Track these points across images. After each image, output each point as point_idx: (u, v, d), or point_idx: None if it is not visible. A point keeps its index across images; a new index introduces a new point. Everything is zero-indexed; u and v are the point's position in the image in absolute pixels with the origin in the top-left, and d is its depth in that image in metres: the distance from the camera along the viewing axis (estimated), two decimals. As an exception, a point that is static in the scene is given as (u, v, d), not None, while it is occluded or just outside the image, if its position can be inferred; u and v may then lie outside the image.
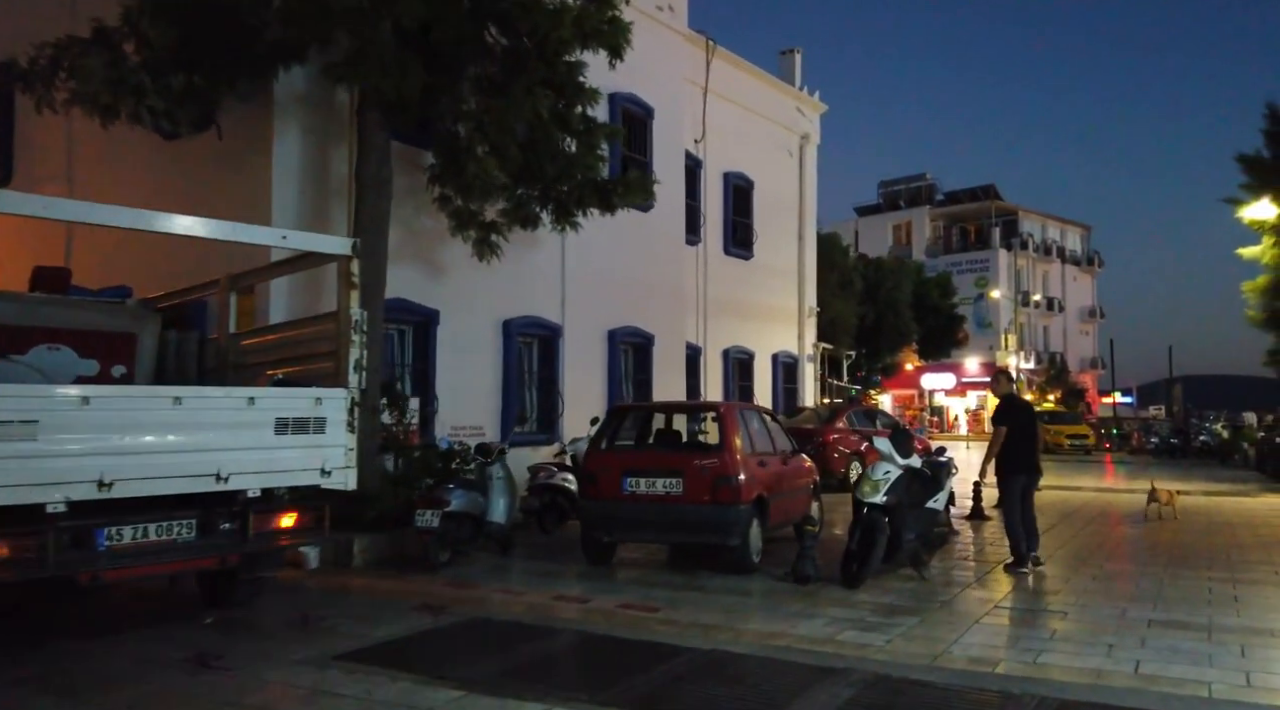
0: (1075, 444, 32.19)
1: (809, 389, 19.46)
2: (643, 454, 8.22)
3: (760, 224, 17.88)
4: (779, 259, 18.65)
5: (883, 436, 7.71)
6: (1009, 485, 8.07)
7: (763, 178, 18.02)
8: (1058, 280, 54.66)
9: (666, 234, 13.79)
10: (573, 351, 11.81)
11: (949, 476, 8.14)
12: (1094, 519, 11.96)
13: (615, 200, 9.02)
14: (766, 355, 18.14)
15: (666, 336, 13.59)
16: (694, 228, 16.04)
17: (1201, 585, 7.32)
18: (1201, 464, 26.32)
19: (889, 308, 25.46)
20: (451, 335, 10.08)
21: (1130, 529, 11.06)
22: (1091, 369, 55.28)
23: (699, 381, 16.03)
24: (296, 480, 5.56)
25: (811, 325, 19.65)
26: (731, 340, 17.02)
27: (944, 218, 53.65)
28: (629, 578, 7.47)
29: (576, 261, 11.87)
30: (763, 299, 17.96)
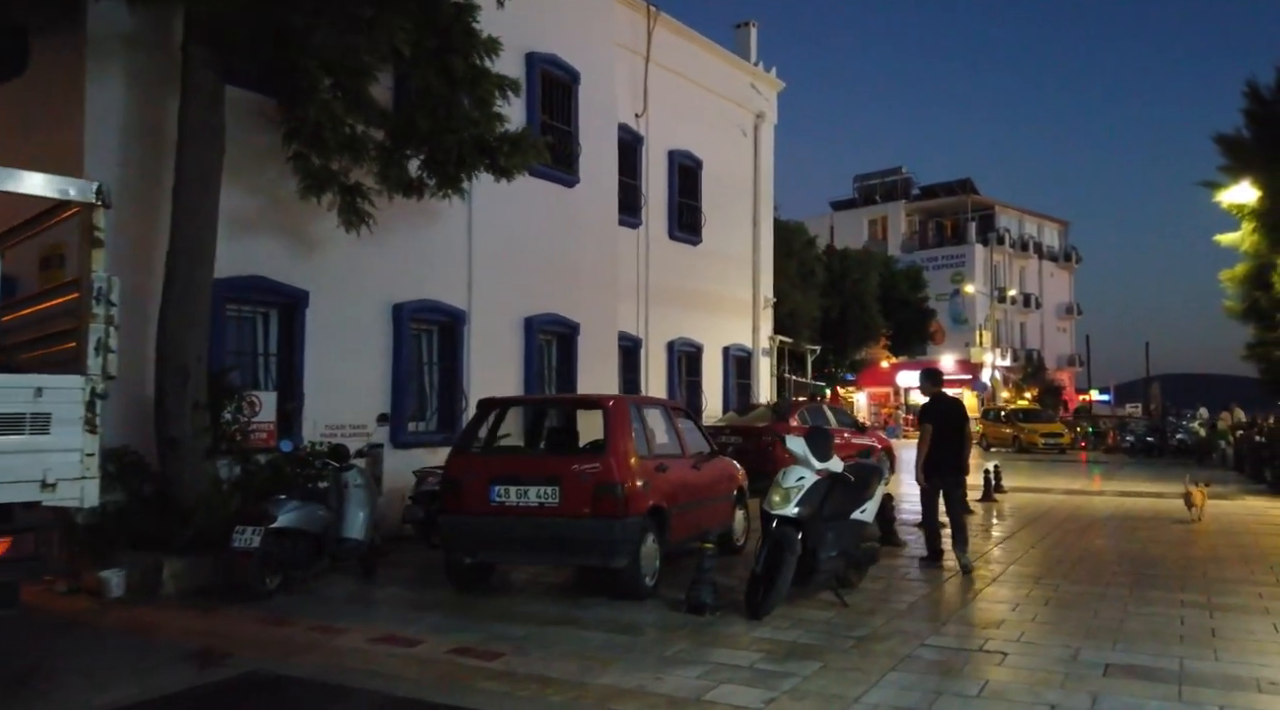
0: (1049, 443, 31.27)
1: (765, 384, 18.29)
2: (515, 458, 6.93)
3: (710, 207, 16.67)
4: (731, 245, 17.46)
5: (797, 435, 6.48)
6: (929, 485, 8.03)
7: (713, 158, 16.81)
8: (1035, 276, 53.90)
9: (596, 212, 12.54)
10: (481, 341, 10.54)
11: (880, 482, 6.96)
12: (1059, 526, 10.85)
13: (502, 161, 7.75)
14: (717, 348, 16.95)
15: (595, 325, 12.35)
16: (633, 208, 14.82)
17: (1172, 613, 6.16)
18: (1178, 463, 25.37)
19: (855, 300, 24.30)
20: (327, 320, 8.78)
21: (1097, 538, 9.94)
22: (1069, 366, 54.59)
23: (639, 376, 14.82)
24: (1, 496, 4.27)
25: (767, 317, 18.48)
26: (677, 332, 15.81)
27: (920, 212, 52.73)
28: (494, 609, 6.22)
29: (487, 239, 10.60)
30: (713, 288, 16.76)
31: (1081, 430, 35.39)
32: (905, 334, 31.68)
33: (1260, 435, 18.56)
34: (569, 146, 11.81)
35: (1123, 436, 31.02)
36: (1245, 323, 16.41)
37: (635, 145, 14.83)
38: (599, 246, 12.58)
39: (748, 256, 18.04)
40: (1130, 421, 33.90)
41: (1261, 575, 7.59)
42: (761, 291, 18.24)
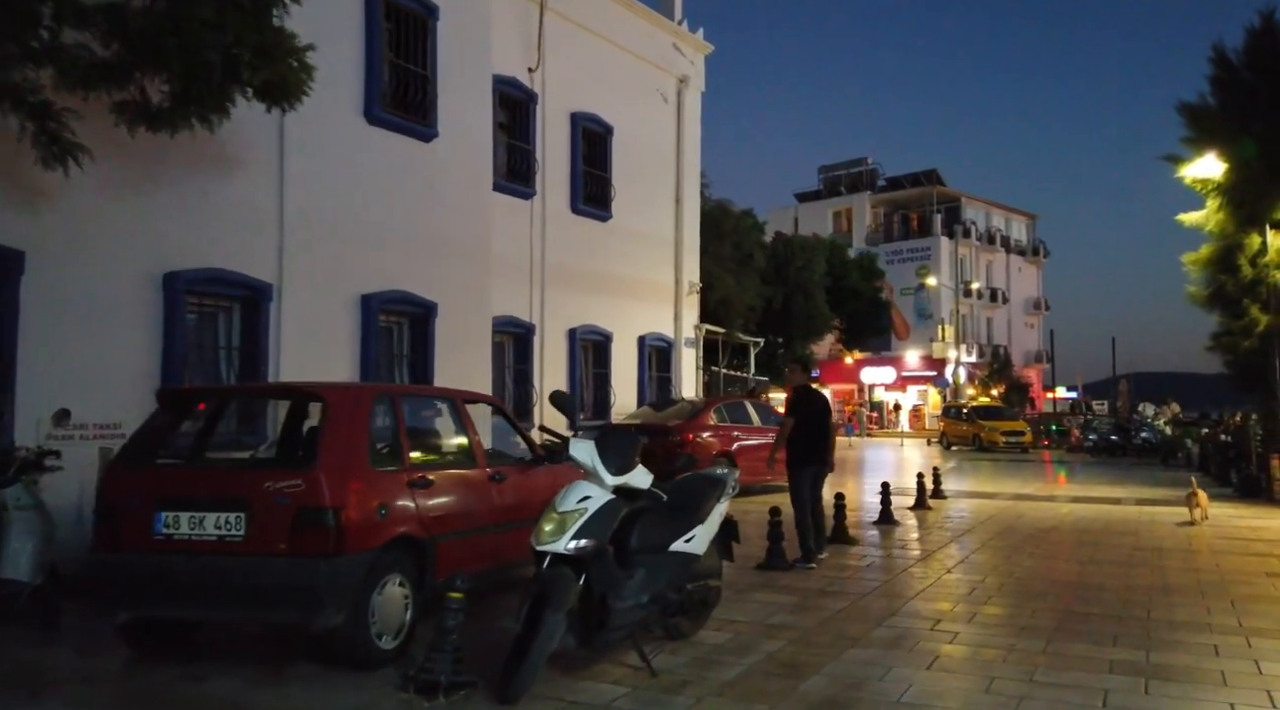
0: (1011, 442, 29.89)
1: (689, 378, 16.59)
2: (190, 474, 5.00)
3: (622, 179, 14.93)
4: (650, 224, 15.72)
5: (585, 438, 4.68)
6: (796, 478, 7.88)
7: (627, 124, 15.06)
8: (1002, 270, 52.73)
9: (463, 174, 10.74)
10: (298, 321, 8.70)
11: (721, 498, 5.23)
12: (989, 542, 9.21)
13: (246, 75, 5.91)
14: (630, 337, 15.21)
15: (459, 306, 10.55)
16: (524, 175, 13.04)
17: (1093, 683, 4.49)
18: (1142, 463, 24.04)
19: (799, 289, 22.65)
20: (57, 291, 6.92)
21: (1030, 558, 8.29)
22: (1036, 363, 53.49)
23: (530, 366, 13.05)
24: None
25: (693, 304, 16.76)
26: (581, 318, 14.05)
27: (885, 204, 51.39)
28: (157, 680, 4.44)
29: (306, 198, 8.76)
30: (626, 270, 15.02)
31: (1045, 428, 34.07)
32: (859, 327, 30.05)
33: (1226, 434, 17.13)
34: (423, 92, 9.99)
35: (1086, 435, 29.69)
36: (1210, 310, 14.92)
37: (527, 104, 13.05)
38: (467, 214, 10.78)
39: (669, 236, 16.31)
40: (1094, 418, 32.56)
41: (1221, 616, 5.95)
42: (686, 275, 16.52)
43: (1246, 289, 13.96)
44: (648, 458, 12.72)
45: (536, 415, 13.11)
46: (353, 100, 9.34)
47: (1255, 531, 10.16)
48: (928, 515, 11.71)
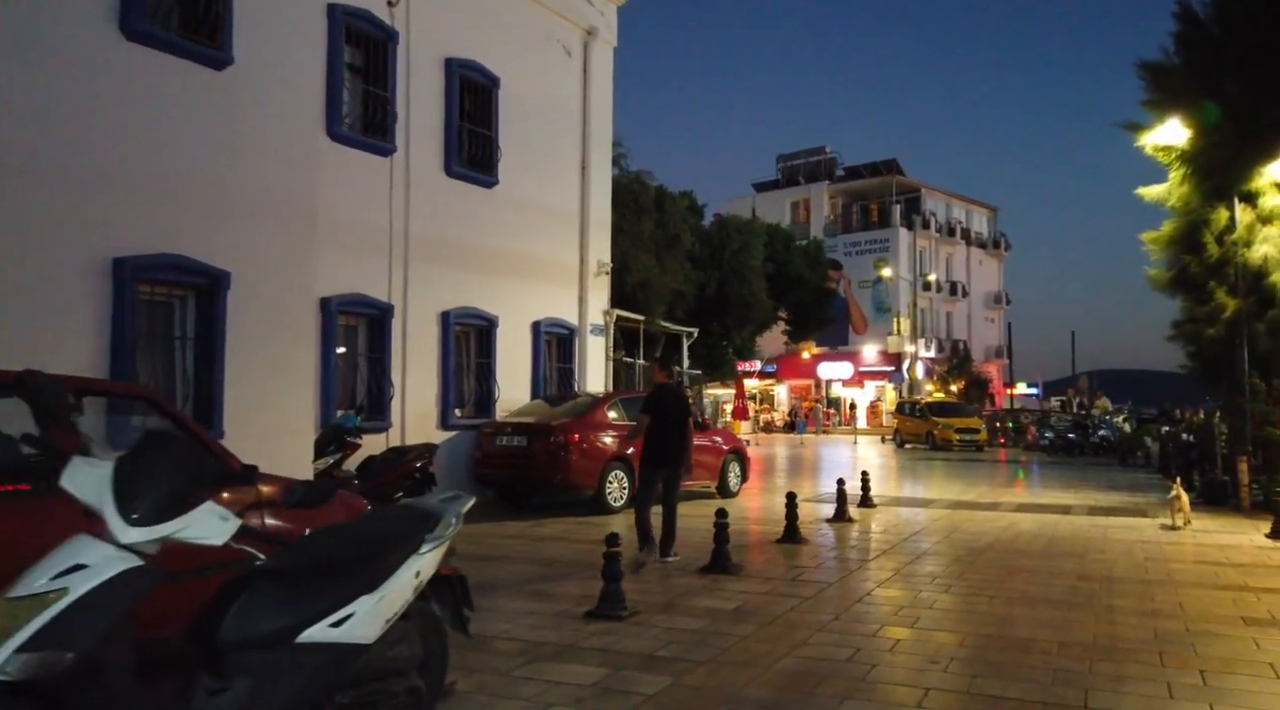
0: (965, 440, 28.48)
1: (596, 370, 14.70)
2: None
3: (514, 142, 12.98)
4: (549, 193, 13.79)
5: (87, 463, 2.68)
6: (644, 477, 7.87)
7: (518, 78, 13.11)
8: (962, 263, 51.55)
9: (276, 115, 8.72)
10: (12, 290, 6.67)
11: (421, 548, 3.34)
12: (903, 568, 7.43)
13: None
14: (523, 323, 13.28)
15: (266, 278, 8.54)
16: (379, 127, 11.05)
17: None
18: (1099, 463, 22.66)
19: (734, 274, 20.85)
20: None
21: (943, 596, 6.51)
22: (997, 358, 52.38)
23: (386, 355, 11.07)
24: None
25: (601, 286, 14.87)
26: (458, 299, 12.09)
27: (844, 194, 49.94)
28: None
29: (31, 126, 6.72)
30: (517, 245, 13.09)
31: (1001, 425, 32.75)
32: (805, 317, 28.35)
33: (1189, 434, 15.64)
34: (211, 5, 7.96)
35: (1042, 433, 28.34)
36: (1172, 295, 13.38)
37: (385, 43, 11.05)
38: (284, 166, 8.76)
39: (573, 209, 14.39)
40: (1051, 415, 31.26)
41: (1187, 701, 4.18)
42: (593, 254, 14.62)
43: (1212, 270, 12.40)
44: (524, 462, 10.64)
45: (397, 413, 11.17)
46: (104, 6, 7.30)
47: (1224, 552, 8.50)
48: (847, 530, 9.96)
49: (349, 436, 9.74)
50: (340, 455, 9.70)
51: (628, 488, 11.36)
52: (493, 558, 8.06)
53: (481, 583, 6.88)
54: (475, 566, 7.59)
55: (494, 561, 7.85)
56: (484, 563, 7.76)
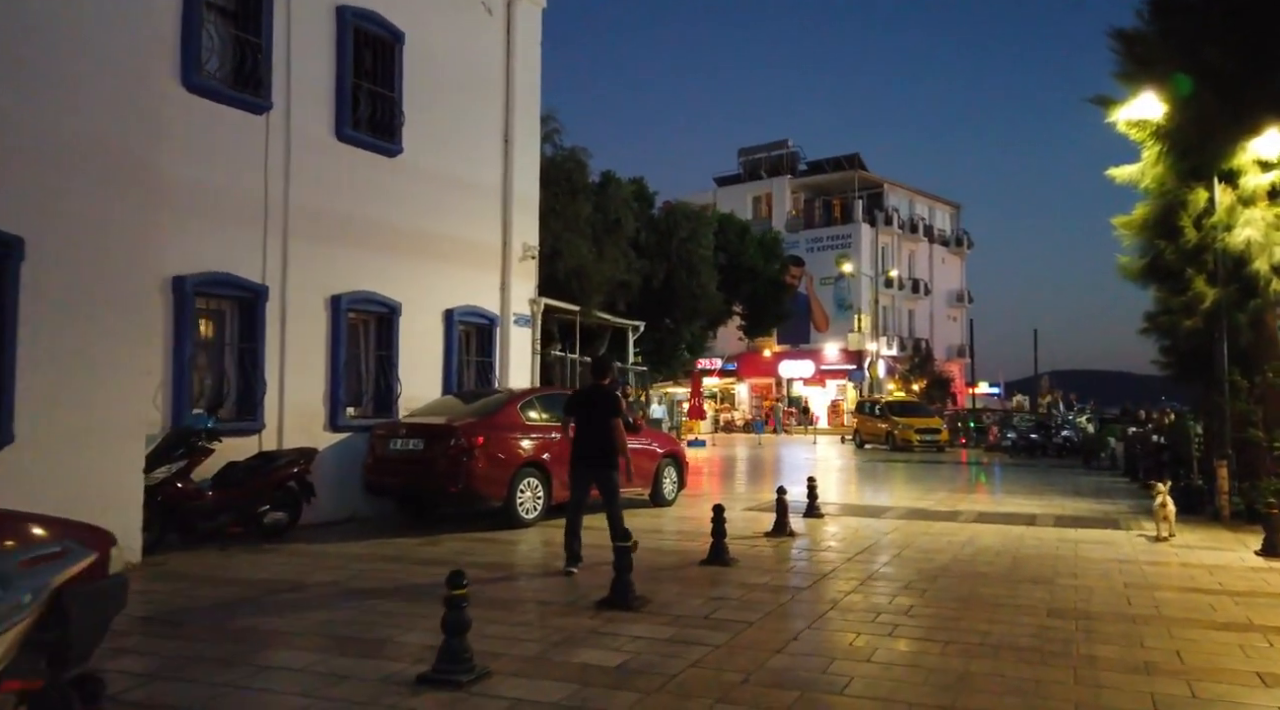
0: (926, 440, 27.51)
1: (521, 364, 13.26)
2: None
3: (421, 105, 11.50)
4: (465, 166, 12.33)
5: None
6: (572, 479, 7.64)
7: (427, 34, 11.64)
8: (925, 261, 50.89)
9: (106, 49, 7.20)
10: None
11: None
12: (843, 600, 6.13)
13: None
14: (433, 311, 11.80)
15: (79, 247, 7.02)
16: (252, 80, 9.52)
17: None
18: (1062, 465, 21.75)
19: (683, 265, 19.51)
20: None
21: (882, 646, 5.22)
22: (959, 357, 51.83)
23: (258, 344, 9.54)
24: None
25: (527, 272, 13.44)
26: (351, 282, 10.60)
27: (806, 189, 49.00)
28: None
29: None
30: (426, 223, 11.62)
31: (962, 425, 31.90)
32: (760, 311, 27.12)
33: (1159, 435, 14.63)
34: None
35: (1004, 433, 27.46)
36: (1145, 285, 12.30)
37: (257, -17, 9.52)
38: (102, 108, 7.23)
39: (494, 185, 12.93)
40: (1014, 415, 30.43)
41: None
42: (518, 236, 13.18)
43: (1189, 256, 11.32)
44: (422, 468, 9.16)
45: (273, 412, 9.65)
46: None
47: (1214, 575, 7.34)
48: (786, 547, 8.67)
49: (200, 440, 8.23)
50: (187, 462, 8.18)
51: (543, 498, 9.98)
52: (348, 589, 6.62)
53: (308, 629, 5.44)
54: (318, 600, 6.16)
55: (342, 596, 6.41)
56: (330, 597, 6.32)
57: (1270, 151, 10.62)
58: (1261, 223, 10.74)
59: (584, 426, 7.46)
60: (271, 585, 6.75)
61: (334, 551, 8.28)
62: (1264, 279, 10.67)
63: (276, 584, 6.79)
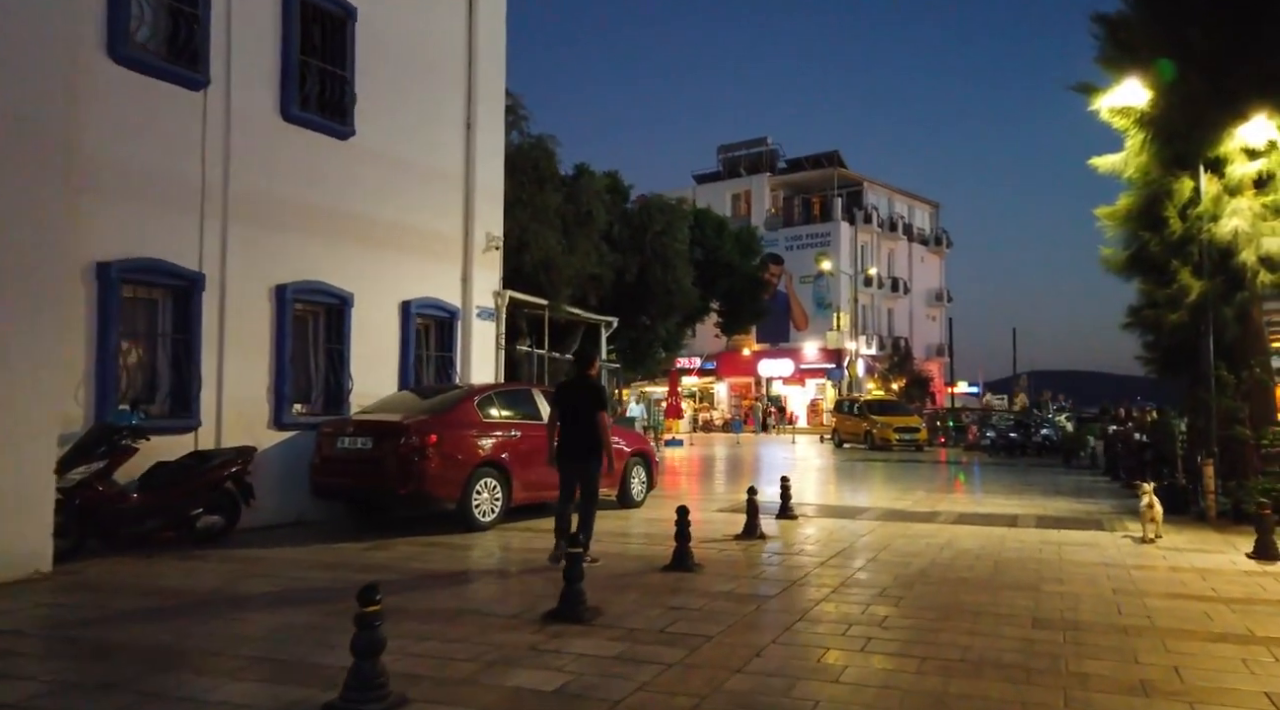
0: (905, 439, 27.20)
1: (484, 359, 12.69)
2: None
3: (376, 86, 10.91)
4: (423, 151, 11.75)
5: None
6: (560, 474, 7.55)
7: (383, 10, 11.04)
8: (904, 259, 50.74)
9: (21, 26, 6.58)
10: None
11: None
12: (813, 610, 5.64)
13: None
14: (389, 303, 11.21)
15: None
16: (188, 54, 8.90)
17: None
18: (1042, 464, 21.47)
19: (657, 259, 18.99)
20: None
21: (853, 664, 4.74)
22: (938, 356, 51.74)
23: (193, 336, 8.92)
24: None
25: (491, 264, 12.87)
26: (298, 271, 9.99)
27: (785, 187, 48.69)
28: None
29: None
30: (381, 210, 11.03)
31: (941, 424, 31.66)
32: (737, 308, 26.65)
33: (1141, 433, 14.30)
34: None
35: (983, 432, 27.21)
36: (1128, 278, 11.94)
37: (193, -51, 8.89)
38: (10, 84, 6.60)
39: (456, 171, 12.35)
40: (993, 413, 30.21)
41: None
42: (481, 226, 12.61)
43: (1174, 248, 10.95)
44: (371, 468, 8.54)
45: (210, 409, 9.04)
46: None
47: (1205, 579, 6.92)
48: (755, 550, 8.18)
49: (123, 438, 7.60)
50: (109, 462, 7.55)
51: (501, 499, 9.43)
52: (274, 600, 6.04)
53: (216, 646, 4.87)
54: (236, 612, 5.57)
55: (265, 608, 5.83)
56: (251, 609, 5.74)
57: (1257, 138, 10.28)
58: (1249, 212, 10.39)
59: (570, 420, 7.39)
60: (191, 596, 6.16)
61: (270, 557, 7.69)
62: (1251, 271, 10.32)
63: (197, 595, 6.20)
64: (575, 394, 7.50)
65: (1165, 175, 11.10)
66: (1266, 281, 10.27)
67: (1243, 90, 10.10)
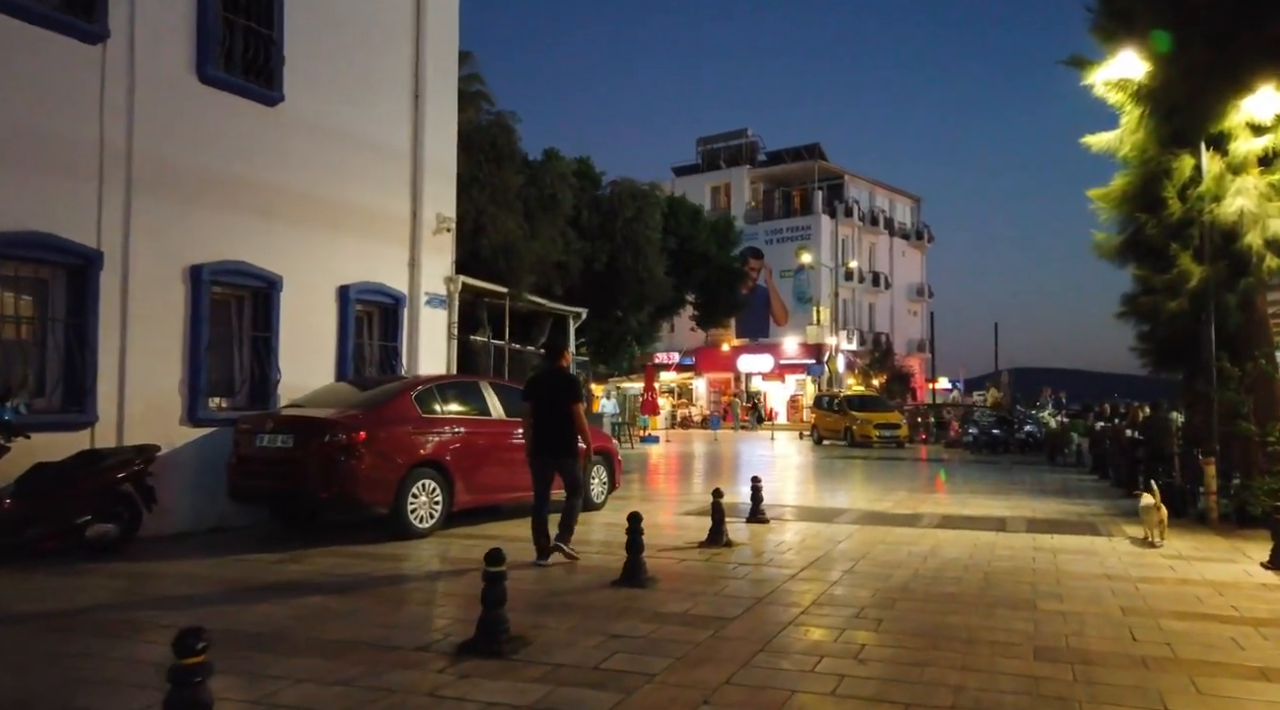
0: (885, 436, 26.51)
1: (435, 349, 11.74)
2: None
3: (309, 49, 9.92)
4: (364, 123, 10.77)
5: None
6: (532, 470, 7.23)
7: (317, -32, 10.06)
8: (885, 254, 50.12)
9: None
10: None
11: None
12: (780, 635, 4.78)
13: None
14: (324, 287, 10.25)
15: None
16: (80, 3, 7.89)
17: None
18: (1025, 462, 20.80)
19: (627, 247, 18.05)
20: None
21: (832, 700, 3.88)
22: (919, 352, 51.20)
23: (88, 321, 7.92)
24: None
25: (442, 247, 11.92)
26: (217, 251, 9.00)
27: (765, 180, 47.91)
28: None
29: None
30: (314, 185, 10.05)
31: (923, 420, 31.02)
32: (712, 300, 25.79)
33: (1134, 429, 13.57)
34: None
35: (966, 429, 26.55)
36: (1122, 264, 11.19)
37: (88, -116, 7.88)
38: None
39: (403, 147, 11.39)
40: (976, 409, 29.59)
41: None
42: (431, 206, 11.66)
43: (1173, 231, 10.20)
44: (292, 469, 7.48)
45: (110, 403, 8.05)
46: None
47: (1222, 594, 6.14)
48: (718, 560, 7.33)
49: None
50: (-26, 463, 6.57)
51: (442, 504, 8.51)
52: (126, 626, 5.08)
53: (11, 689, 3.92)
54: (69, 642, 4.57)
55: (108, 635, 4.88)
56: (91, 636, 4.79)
57: (1263, 112, 9.53)
58: (1254, 192, 9.65)
59: (543, 414, 7.10)
60: (39, 619, 5.21)
61: (164, 573, 6.73)
62: (1256, 255, 9.58)
63: (45, 618, 5.25)
64: (547, 387, 7.19)
65: (1164, 153, 10.35)
66: (1273, 267, 9.54)
67: (1247, 59, 9.34)
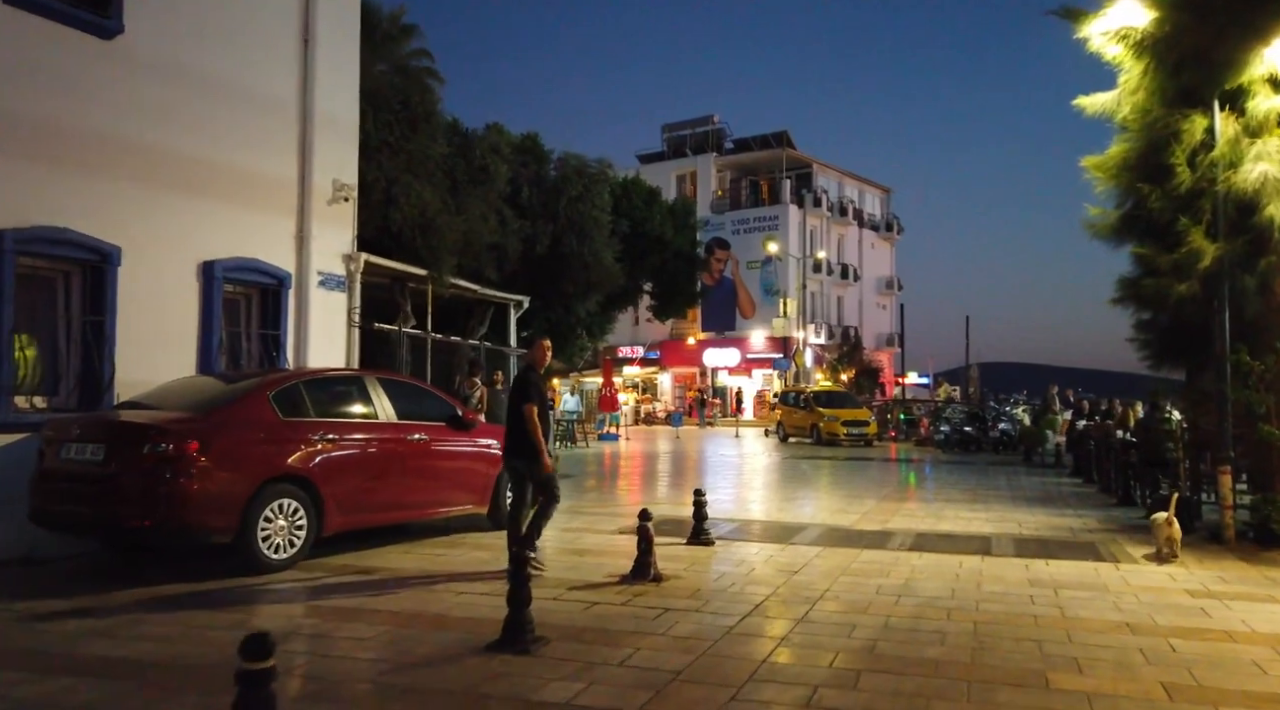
0: (854, 433, 25.17)
1: (332, 339, 10.04)
2: None
3: (160, -27, 8.17)
4: (232, 65, 9.03)
5: None
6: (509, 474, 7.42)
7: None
8: (854, 246, 48.96)
9: None
10: None
11: None
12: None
13: None
14: (181, 263, 8.50)
15: None
16: None
17: None
18: (1000, 462, 19.55)
19: (571, 228, 16.38)
20: None
21: None
22: (889, 346, 50.18)
23: None
24: None
25: (340, 219, 10.21)
26: (31, 214, 7.23)
27: (732, 168, 46.47)
28: None
29: None
30: (167, 138, 8.31)
31: (892, 417, 29.79)
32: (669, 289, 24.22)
33: (1126, 431, 12.24)
34: None
35: (937, 426, 25.31)
36: (1119, 242, 9.82)
37: None
38: None
39: (288, 99, 9.66)
40: (947, 408, 28.39)
41: None
42: (324, 170, 9.94)
43: (1182, 203, 8.81)
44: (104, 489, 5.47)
45: None
46: None
47: (1269, 645, 4.72)
48: (638, 604, 5.76)
49: None
50: None
51: (306, 527, 6.86)
52: None
53: None
54: None
55: None
56: None
57: (1290, 63, 8.17)
58: (1276, 157, 8.28)
59: (511, 415, 6.93)
60: None
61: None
62: (1279, 230, 8.22)
63: None
64: (514, 385, 7.17)
65: (1170, 114, 8.95)
66: (1298, 243, 8.20)
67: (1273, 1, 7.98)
